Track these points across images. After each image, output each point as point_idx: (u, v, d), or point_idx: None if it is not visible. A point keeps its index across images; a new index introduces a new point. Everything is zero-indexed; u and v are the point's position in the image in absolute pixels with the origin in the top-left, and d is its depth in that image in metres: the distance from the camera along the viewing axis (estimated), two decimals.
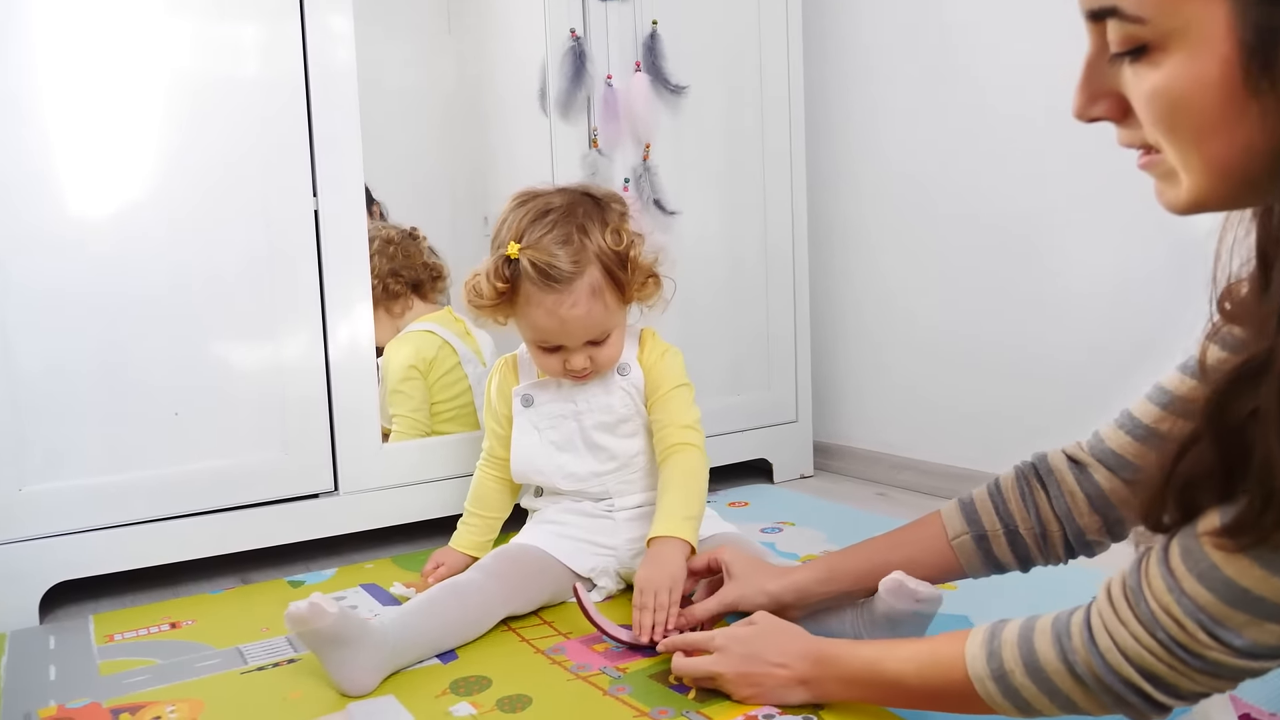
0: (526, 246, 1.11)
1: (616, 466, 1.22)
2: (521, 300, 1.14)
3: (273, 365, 1.33)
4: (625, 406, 1.22)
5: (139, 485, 1.25)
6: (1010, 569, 0.95)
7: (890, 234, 1.80)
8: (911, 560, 0.96)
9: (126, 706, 0.94)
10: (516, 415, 1.25)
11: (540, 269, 1.10)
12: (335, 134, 1.35)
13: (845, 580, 1.00)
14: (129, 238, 1.24)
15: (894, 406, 1.83)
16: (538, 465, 1.23)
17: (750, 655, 0.87)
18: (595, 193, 1.19)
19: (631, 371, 1.22)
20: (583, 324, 1.14)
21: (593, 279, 1.13)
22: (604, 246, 1.13)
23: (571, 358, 1.16)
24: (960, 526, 0.94)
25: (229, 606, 1.24)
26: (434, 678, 0.98)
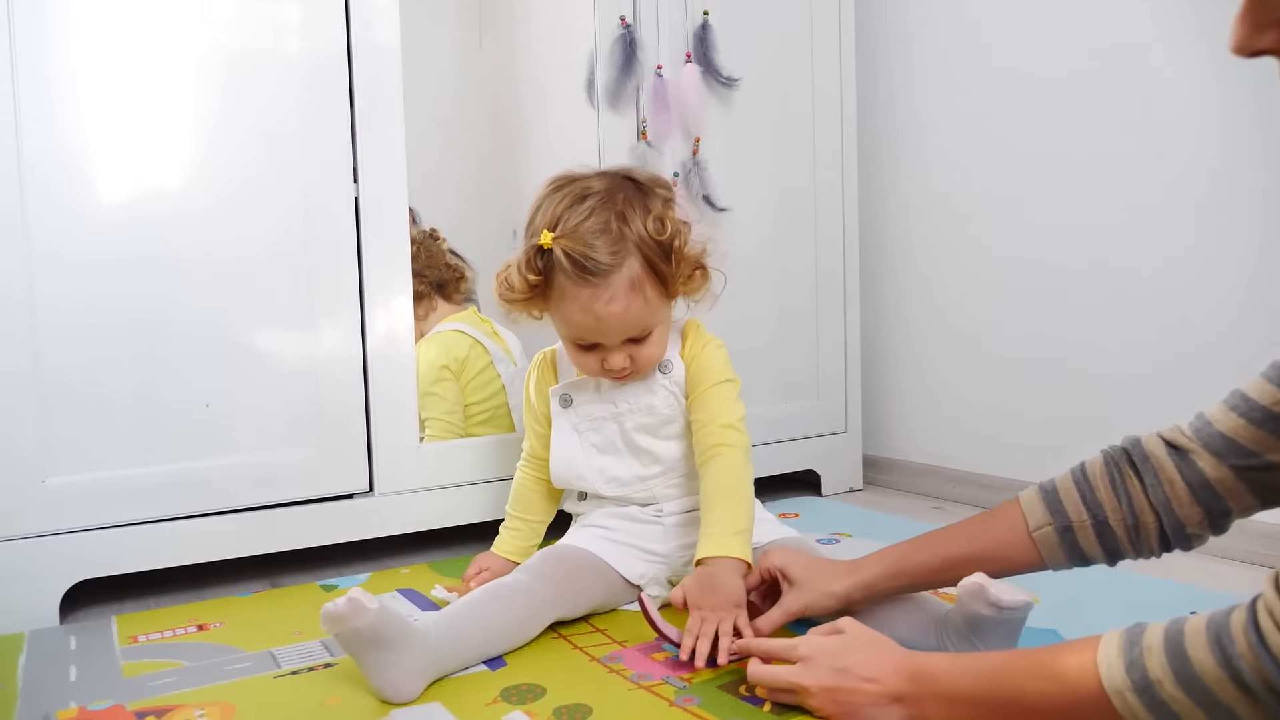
0: (561, 235, 1.02)
1: (661, 470, 1.14)
2: (555, 294, 1.05)
3: (308, 358, 1.27)
4: (669, 406, 1.13)
5: (166, 480, 1.19)
6: (1096, 562, 0.87)
7: (943, 242, 1.73)
8: (988, 553, 0.89)
9: (152, 709, 0.87)
10: (555, 416, 1.17)
11: (575, 260, 1.00)
12: (378, 117, 1.30)
13: (915, 575, 0.92)
14: (162, 223, 1.19)
15: (950, 418, 1.75)
16: (578, 469, 1.15)
17: (839, 669, 0.78)
18: (638, 176, 1.10)
19: (674, 369, 1.13)
20: (621, 321, 1.04)
21: (632, 271, 1.03)
22: (645, 235, 1.03)
23: (610, 357, 1.07)
24: (1043, 517, 0.86)
25: (259, 609, 1.16)
26: (483, 685, 0.90)
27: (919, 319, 1.80)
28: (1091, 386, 1.50)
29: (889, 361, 1.86)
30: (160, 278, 1.19)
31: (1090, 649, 0.65)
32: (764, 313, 1.66)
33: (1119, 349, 1.46)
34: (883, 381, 1.87)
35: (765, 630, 0.95)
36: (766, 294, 1.66)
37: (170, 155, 1.19)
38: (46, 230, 1.12)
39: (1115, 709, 0.63)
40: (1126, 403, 1.44)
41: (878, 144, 1.81)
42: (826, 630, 0.83)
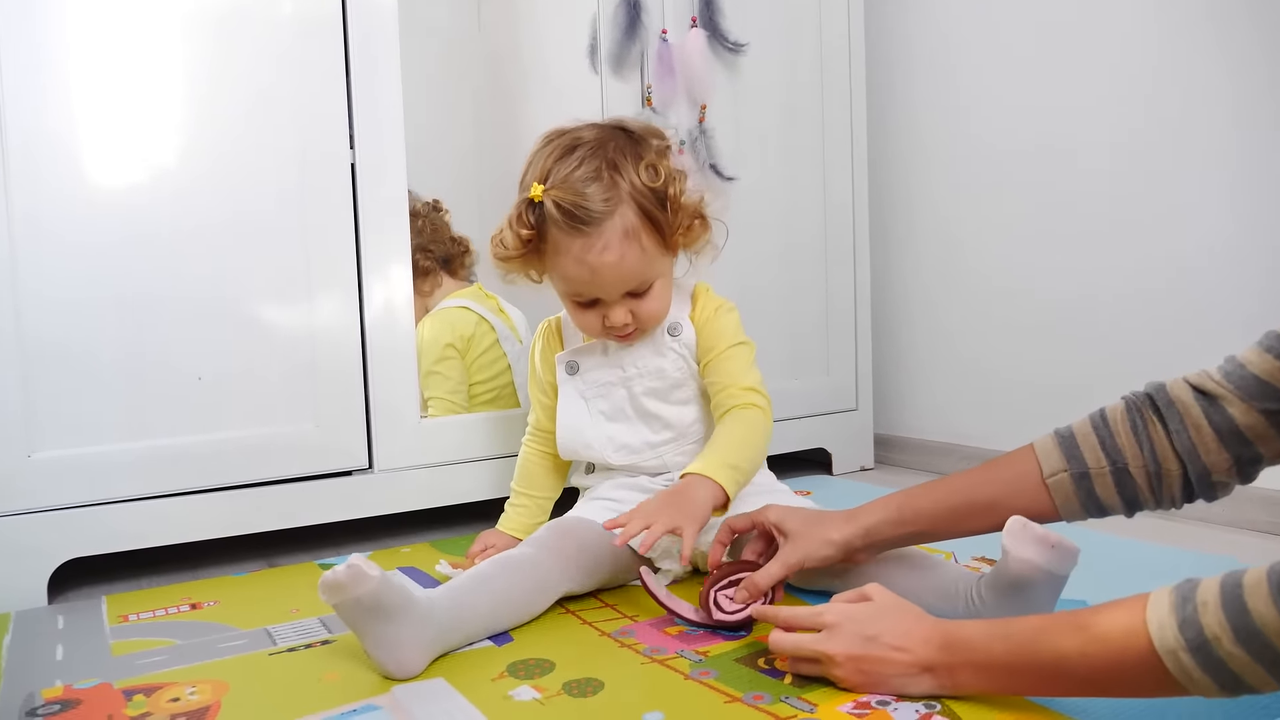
0: (551, 187, 0.99)
1: (672, 436, 1.10)
2: (549, 249, 1.02)
3: (304, 330, 1.23)
4: (678, 370, 1.09)
5: (158, 455, 1.15)
6: (1113, 512, 0.83)
7: (960, 207, 1.68)
8: (998, 500, 0.84)
9: (141, 687, 0.82)
10: (561, 384, 1.13)
11: (566, 210, 0.97)
12: (375, 81, 1.25)
13: (919, 522, 0.88)
14: (150, 190, 1.14)
15: (967, 393, 1.71)
16: (586, 438, 1.11)
17: (867, 636, 0.74)
18: (631, 126, 1.06)
19: (683, 331, 1.10)
20: (616, 271, 1.00)
21: (626, 220, 1.00)
22: (639, 184, 1.00)
23: (610, 312, 1.04)
24: (1058, 462, 0.82)
25: (255, 588, 1.12)
26: (488, 660, 0.86)
27: (931, 292, 1.75)
28: (1110, 358, 1.46)
29: (900, 337, 1.81)
30: (150, 247, 1.14)
31: (1137, 608, 0.61)
32: (772, 285, 1.62)
33: (1139, 321, 1.42)
34: (893, 358, 1.82)
35: (764, 585, 0.90)
36: (774, 266, 1.62)
37: (159, 120, 1.15)
38: (28, 196, 1.08)
39: (1167, 670, 0.59)
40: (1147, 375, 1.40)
41: (887, 113, 1.77)
42: (853, 596, 0.79)
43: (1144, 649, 0.60)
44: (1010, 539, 0.81)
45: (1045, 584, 0.82)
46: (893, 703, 0.73)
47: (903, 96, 1.75)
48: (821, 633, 0.76)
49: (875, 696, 0.74)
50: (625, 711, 0.74)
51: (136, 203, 1.14)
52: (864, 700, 0.74)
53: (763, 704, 0.75)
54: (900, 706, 0.72)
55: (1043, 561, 0.81)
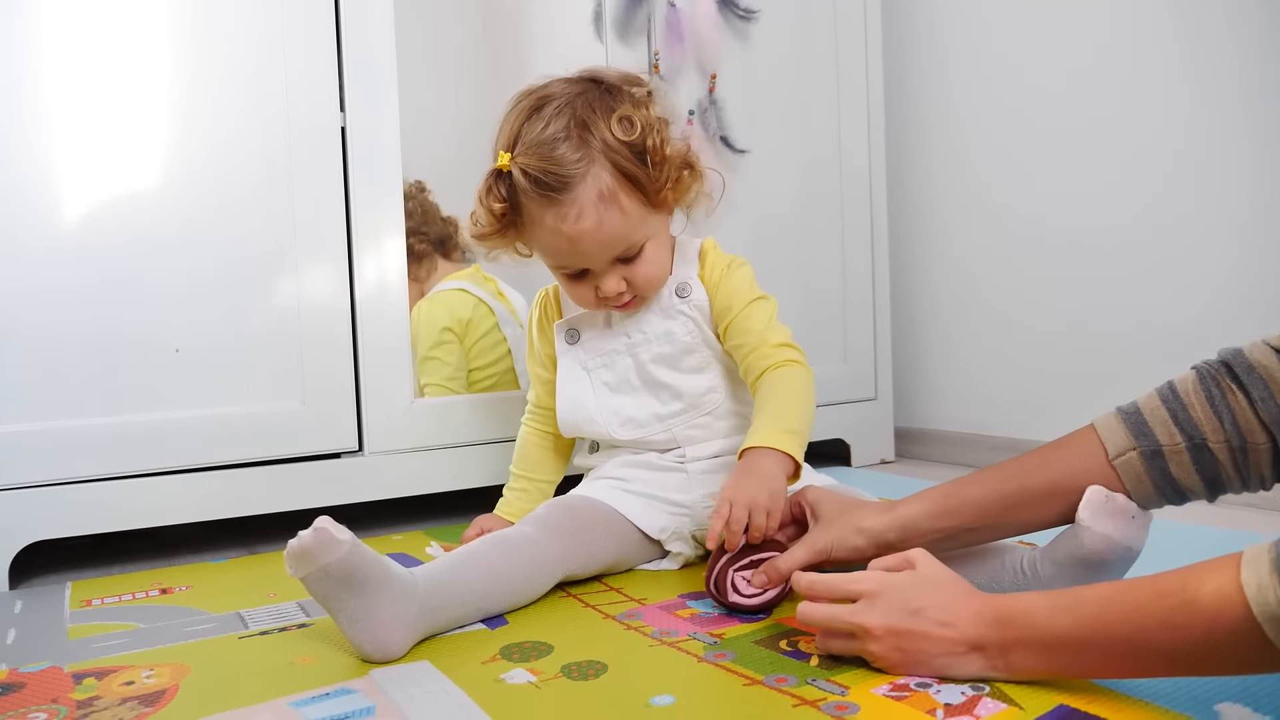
0: (519, 153, 0.91)
1: (683, 408, 1.01)
2: (525, 221, 0.95)
3: (291, 301, 1.15)
4: (689, 334, 1.00)
5: (131, 431, 1.07)
6: (1194, 496, 0.73)
7: (982, 182, 1.60)
8: (1058, 485, 0.75)
9: (93, 670, 0.74)
10: (561, 354, 1.05)
11: (533, 177, 0.90)
12: (367, 37, 1.18)
13: (966, 513, 0.78)
14: (128, 149, 1.07)
15: (990, 380, 1.62)
16: (589, 412, 1.03)
17: (911, 610, 0.65)
18: (605, 76, 0.97)
19: (693, 291, 1.01)
20: (595, 239, 0.92)
21: (600, 182, 0.91)
22: (611, 140, 0.91)
23: (602, 282, 0.96)
24: (1124, 441, 0.73)
25: (232, 574, 1.04)
26: (479, 643, 0.77)
27: (954, 273, 1.67)
28: (1137, 343, 1.37)
29: (919, 323, 1.73)
30: (125, 211, 1.07)
31: (1229, 569, 0.53)
32: (785, 266, 1.54)
33: (1162, 303, 1.33)
34: (913, 346, 1.74)
35: (785, 570, 0.81)
36: (788, 245, 1.54)
37: (136, 79, 1.08)
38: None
39: (1267, 640, 0.50)
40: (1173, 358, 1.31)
41: (906, 84, 1.69)
42: (895, 562, 0.70)
43: (1239, 616, 0.51)
44: (1089, 511, 0.72)
45: (1120, 561, 0.73)
46: (934, 685, 0.64)
47: (922, 64, 1.68)
48: (858, 603, 0.67)
49: (914, 678, 0.65)
50: (631, 695, 0.66)
51: (111, 163, 1.07)
52: (902, 682, 0.65)
53: (787, 686, 0.66)
54: (944, 689, 0.64)
55: (1120, 536, 0.72)
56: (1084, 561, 0.73)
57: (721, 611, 0.83)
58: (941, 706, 0.61)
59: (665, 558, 1.00)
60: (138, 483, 1.07)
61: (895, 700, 0.63)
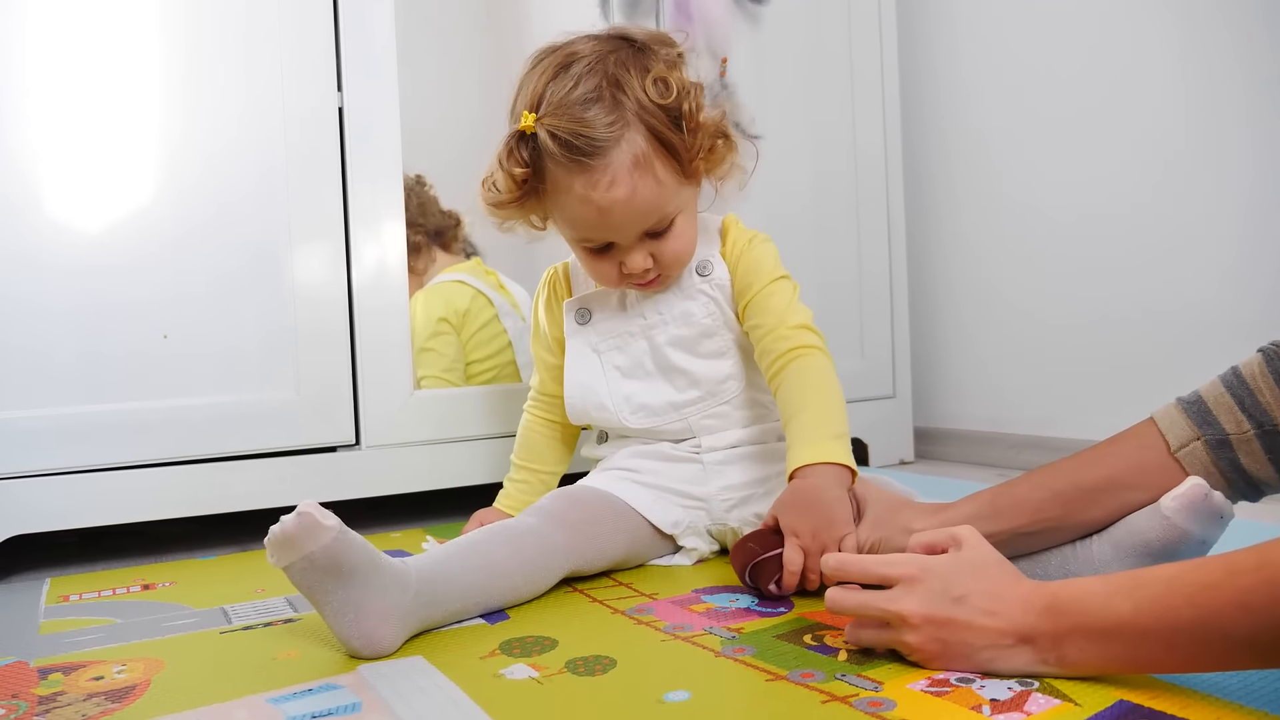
0: (545, 114, 0.83)
1: (699, 396, 0.95)
2: (549, 189, 0.87)
3: (286, 287, 1.10)
4: (709, 315, 0.94)
5: (116, 421, 1.02)
6: (1269, 488, 0.68)
7: (1000, 175, 1.55)
8: (1116, 480, 0.70)
9: (60, 666, 0.69)
10: (570, 336, 0.98)
11: (563, 140, 0.82)
12: (365, 17, 1.14)
13: (1019, 514, 0.73)
14: (114, 126, 1.03)
15: (1010, 378, 1.56)
16: (598, 398, 0.96)
17: (954, 596, 0.59)
18: (635, 35, 0.89)
19: (714, 270, 0.94)
20: (628, 209, 0.85)
21: (634, 146, 0.84)
22: (646, 101, 0.84)
23: (628, 258, 0.88)
24: (1187, 431, 0.68)
25: (220, 570, 0.99)
26: (478, 638, 0.72)
27: (973, 266, 1.61)
28: (1164, 334, 1.31)
29: (938, 319, 1.67)
30: (111, 187, 1.03)
31: None
32: (799, 257, 1.47)
33: (1186, 296, 1.27)
34: (931, 343, 1.68)
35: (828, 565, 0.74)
36: (801, 235, 1.49)
37: (123, 50, 1.03)
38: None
39: None
40: (1200, 351, 1.25)
41: (921, 68, 1.64)
42: (938, 538, 0.64)
43: None
44: (1179, 504, 0.66)
45: (1189, 555, 0.67)
46: (977, 679, 0.58)
47: (936, 53, 1.63)
48: (894, 589, 0.61)
49: (955, 673, 0.59)
50: (642, 690, 0.60)
51: (101, 144, 1.02)
52: (941, 677, 0.59)
53: (813, 682, 0.60)
54: (988, 683, 0.58)
55: (1199, 530, 0.66)
56: (1149, 550, 0.67)
57: (741, 605, 0.77)
58: (988, 703, 0.55)
59: (678, 553, 0.94)
60: (122, 475, 1.02)
61: (935, 696, 0.57)
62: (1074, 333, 1.45)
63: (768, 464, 0.95)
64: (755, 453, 0.95)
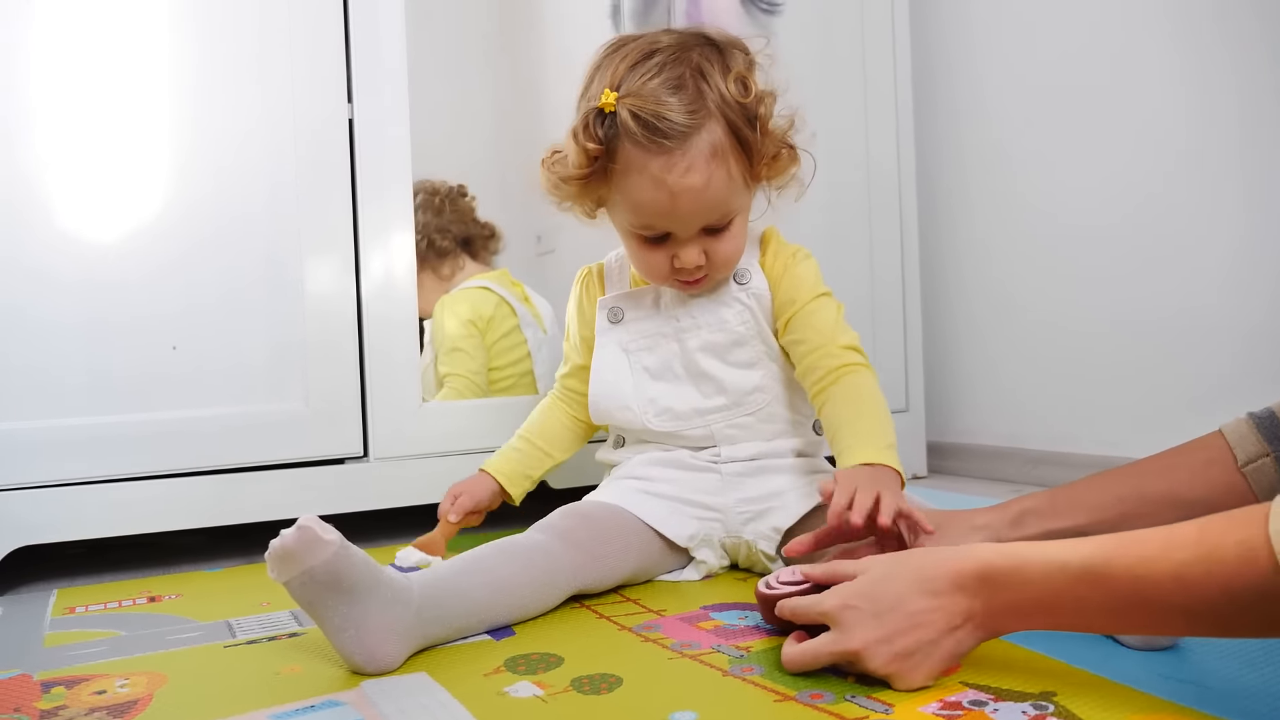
0: (626, 95, 0.83)
1: (725, 404, 0.94)
2: (619, 169, 0.86)
3: (295, 299, 1.10)
4: (743, 324, 0.93)
5: (124, 433, 1.02)
6: None
7: (1015, 185, 1.54)
8: (1176, 495, 0.69)
9: (64, 679, 0.68)
10: (600, 334, 0.98)
11: (645, 121, 0.82)
12: (375, 26, 1.14)
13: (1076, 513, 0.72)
14: (124, 136, 1.03)
15: (1026, 392, 1.54)
16: (624, 398, 0.95)
17: (880, 612, 0.59)
18: (714, 35, 0.90)
19: (753, 279, 0.94)
20: (699, 199, 0.85)
21: (714, 136, 0.84)
22: (728, 95, 0.85)
23: (683, 251, 0.88)
24: (1257, 446, 0.67)
25: (226, 583, 0.98)
26: (483, 654, 0.71)
27: (985, 282, 1.60)
28: (1184, 346, 1.29)
29: (952, 332, 1.66)
30: (119, 196, 1.03)
31: (1255, 521, 0.48)
32: None
33: (1210, 308, 1.25)
34: (945, 355, 1.66)
35: None
36: (814, 245, 1.45)
37: (135, 64, 1.04)
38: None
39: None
40: (1223, 365, 1.23)
41: (936, 81, 1.63)
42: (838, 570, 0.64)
43: (1265, 570, 0.46)
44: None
45: None
46: (990, 702, 0.57)
47: (953, 60, 1.62)
48: (829, 632, 0.61)
49: (968, 696, 0.58)
50: (648, 710, 0.59)
51: (110, 153, 1.03)
52: (953, 700, 0.58)
53: (823, 703, 0.59)
54: (1001, 707, 0.56)
55: None
56: None
57: (749, 623, 0.76)
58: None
59: (688, 565, 0.93)
60: (129, 487, 1.02)
61: (945, 718, 0.55)
62: (1092, 346, 1.43)
63: (785, 477, 0.94)
64: (774, 466, 0.94)
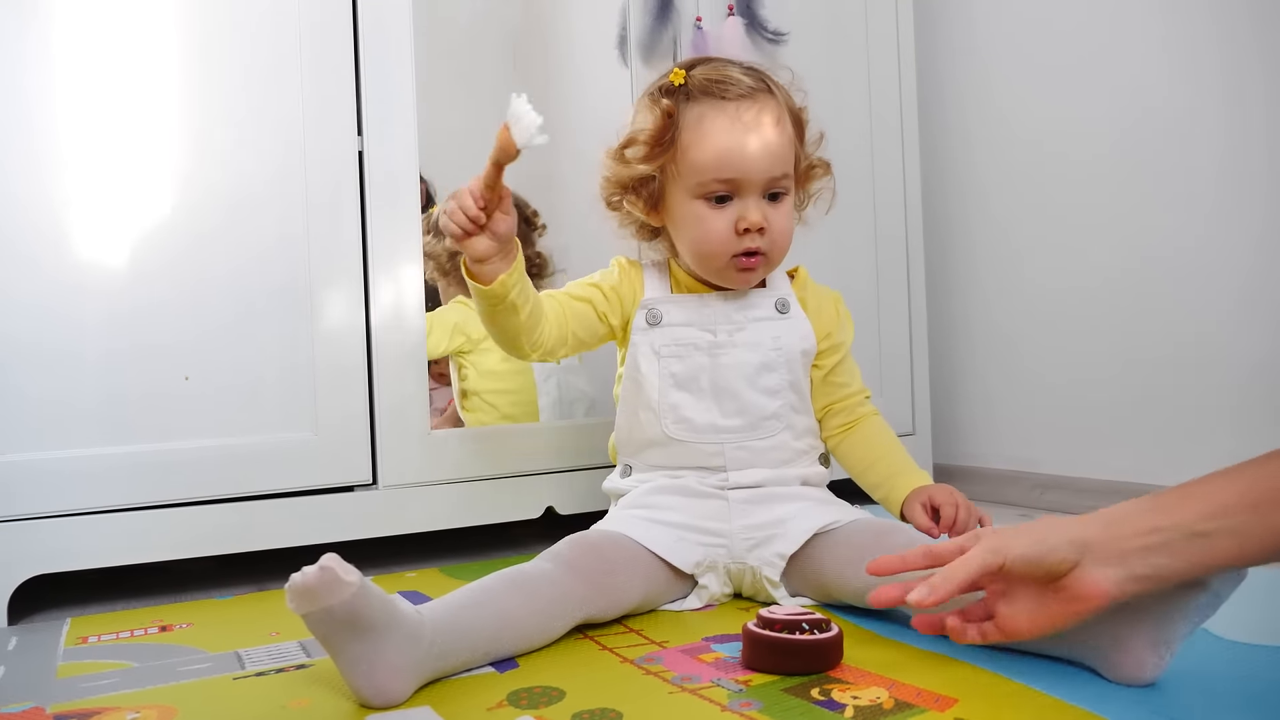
0: (695, 74, 0.96)
1: (742, 425, 0.97)
2: (691, 122, 0.94)
3: (305, 328, 1.12)
4: (776, 350, 0.98)
5: (137, 462, 1.04)
6: None
7: (1020, 203, 1.54)
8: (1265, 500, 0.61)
9: (76, 712, 0.70)
10: (635, 333, 1.00)
11: (715, 80, 0.95)
12: (385, 62, 1.16)
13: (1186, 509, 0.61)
14: (137, 168, 1.06)
15: (1034, 415, 1.54)
16: (648, 398, 0.98)
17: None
18: None
19: (791, 310, 1.01)
20: (767, 142, 0.93)
21: (778, 106, 0.96)
22: (787, 98, 0.98)
23: (748, 211, 0.93)
24: None
25: (236, 611, 1.00)
26: (486, 687, 0.72)
27: (991, 305, 1.60)
28: (1189, 375, 1.29)
29: (957, 354, 1.66)
30: (133, 230, 1.05)
31: None
32: None
33: (1216, 336, 1.26)
34: (951, 378, 1.67)
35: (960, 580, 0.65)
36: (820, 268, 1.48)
37: (147, 97, 1.06)
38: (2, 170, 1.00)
39: None
40: (1228, 393, 1.23)
41: (941, 108, 1.65)
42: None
43: None
44: None
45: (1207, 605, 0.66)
46: None
47: (957, 88, 1.63)
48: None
49: None
50: None
51: (122, 190, 1.05)
52: None
53: None
54: None
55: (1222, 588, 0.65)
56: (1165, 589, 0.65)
57: None
58: None
59: (691, 593, 0.94)
60: (143, 515, 1.04)
61: None
62: (1099, 372, 1.43)
63: (791, 505, 0.95)
64: (780, 494, 0.97)
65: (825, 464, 1.03)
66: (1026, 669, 0.70)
